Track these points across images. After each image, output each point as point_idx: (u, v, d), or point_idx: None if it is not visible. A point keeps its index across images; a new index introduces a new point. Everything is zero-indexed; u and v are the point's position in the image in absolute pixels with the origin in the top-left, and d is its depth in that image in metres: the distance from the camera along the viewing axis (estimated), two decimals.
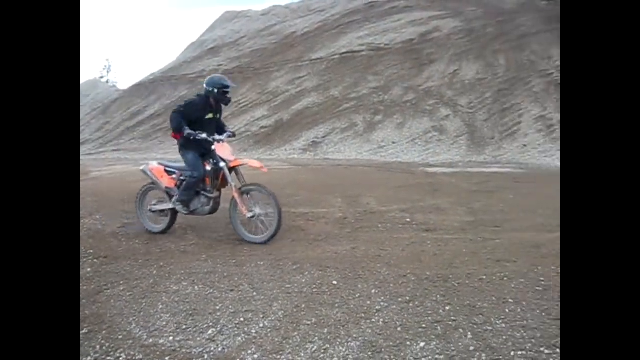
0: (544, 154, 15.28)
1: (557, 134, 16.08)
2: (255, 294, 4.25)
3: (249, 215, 6.03)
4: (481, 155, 16.07)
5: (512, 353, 3.06)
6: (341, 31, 29.00)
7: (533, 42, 22.07)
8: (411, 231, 6.17)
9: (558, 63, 19.81)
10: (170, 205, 6.47)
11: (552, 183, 9.82)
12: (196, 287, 4.47)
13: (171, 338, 3.49)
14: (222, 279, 4.65)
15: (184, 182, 6.27)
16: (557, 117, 16.94)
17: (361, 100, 21.03)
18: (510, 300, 3.89)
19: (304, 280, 4.52)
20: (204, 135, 6.00)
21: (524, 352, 3.07)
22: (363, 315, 3.73)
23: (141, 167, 6.81)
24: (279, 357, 3.17)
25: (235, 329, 3.61)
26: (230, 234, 6.23)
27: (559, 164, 13.73)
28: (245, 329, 3.59)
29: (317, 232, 6.25)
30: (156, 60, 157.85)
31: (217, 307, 4.01)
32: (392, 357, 3.09)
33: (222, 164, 6.08)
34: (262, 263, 5.07)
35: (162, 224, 6.69)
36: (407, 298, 4.01)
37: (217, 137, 6.18)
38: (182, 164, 6.35)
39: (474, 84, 20.10)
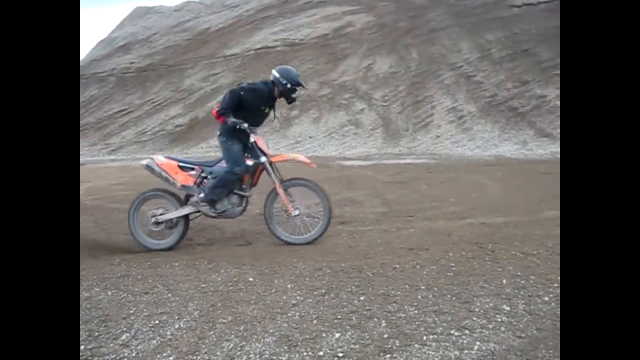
0: (456, 144, 15.78)
1: (468, 124, 16.65)
2: (170, 295, 4.17)
3: (296, 213, 5.59)
4: (396, 147, 16.42)
5: (425, 337, 3.14)
6: (255, 27, 28.86)
7: (443, 36, 22.72)
8: None
9: (467, 56, 20.51)
10: (186, 210, 5.63)
11: (463, 172, 10.15)
12: (109, 292, 4.33)
13: (82, 347, 3.37)
14: (136, 282, 4.53)
15: (218, 178, 5.48)
16: (467, 108, 17.53)
17: None
18: (423, 287, 3.99)
19: (219, 279, 4.47)
20: (246, 125, 5.34)
21: (435, 336, 3.15)
22: (279, 310, 3.73)
23: (144, 162, 5.76)
24: (194, 357, 3.12)
25: (150, 332, 3.53)
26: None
27: (470, 153, 14.22)
28: (160, 332, 3.51)
29: (233, 230, 6.21)
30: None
31: (131, 311, 3.90)
32: (307, 349, 3.10)
33: (263, 159, 5.55)
34: (177, 264, 4.98)
35: (170, 237, 5.69)
36: (323, 291, 4.04)
37: (254, 129, 5.51)
38: (195, 159, 5.73)
39: (387, 78, 20.49)
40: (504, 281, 4.04)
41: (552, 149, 14.30)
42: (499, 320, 3.35)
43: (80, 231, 6.14)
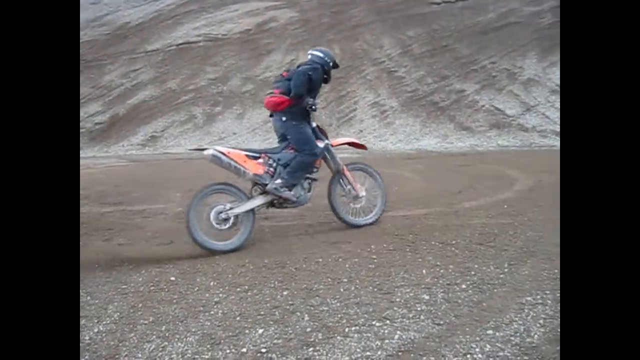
0: (379, 138, 16.04)
1: (390, 119, 16.96)
2: (89, 298, 4.04)
3: (363, 194, 5.75)
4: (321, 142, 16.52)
5: (347, 329, 3.17)
6: (177, 21, 28.31)
7: (365, 32, 23.01)
8: None
9: (389, 52, 20.86)
10: (259, 201, 5.26)
11: (386, 166, 10.31)
12: None
13: None
14: None
15: (297, 162, 5.31)
16: (389, 102, 17.84)
17: (200, 92, 20.74)
18: (345, 280, 4.04)
19: (140, 279, 4.37)
20: (316, 107, 5.38)
21: (357, 327, 3.19)
22: (202, 308, 3.69)
23: (208, 152, 5.10)
24: None
25: None
26: None
27: (392, 147, 14.48)
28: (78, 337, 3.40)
29: (155, 229, 6.08)
30: None
31: None
32: (230, 347, 3.07)
33: (326, 141, 5.60)
34: (96, 265, 4.83)
35: (235, 236, 5.13)
36: (246, 287, 4.02)
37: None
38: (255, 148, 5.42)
39: None
40: (424, 271, 4.14)
41: (470, 142, 14.80)
42: (418, 309, 3.42)
43: None
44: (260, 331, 3.24)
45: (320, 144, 5.51)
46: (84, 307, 3.88)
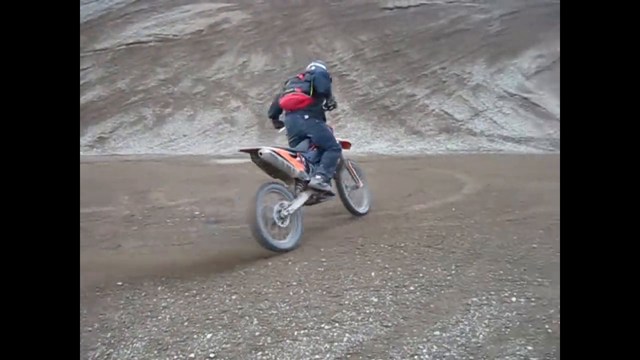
0: None
1: (342, 122, 17.06)
2: None
3: (362, 185, 6.51)
4: (270, 144, 16.47)
5: (296, 333, 3.18)
6: (127, 20, 27.79)
7: (318, 35, 23.04)
8: (200, 224, 6.13)
9: (341, 55, 20.95)
10: (305, 196, 5.43)
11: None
12: None
13: None
14: None
15: (328, 158, 5.73)
16: (341, 106, 17.89)
17: (150, 93, 20.39)
18: (294, 283, 4.04)
19: (85, 284, 4.27)
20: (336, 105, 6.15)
21: (306, 331, 3.21)
22: (149, 313, 3.64)
23: (266, 151, 5.03)
24: None
25: None
26: None
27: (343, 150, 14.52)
28: None
29: (103, 233, 5.96)
30: None
31: None
32: (178, 352, 3.04)
33: None
34: None
35: (290, 235, 5.12)
36: (194, 291, 3.98)
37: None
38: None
39: (262, 76, 20.50)
40: (373, 273, 4.18)
41: (420, 146, 14.99)
42: (367, 311, 3.46)
43: None
44: (209, 336, 3.22)
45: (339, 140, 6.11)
46: None
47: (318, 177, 5.46)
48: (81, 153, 17.20)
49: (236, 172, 10.80)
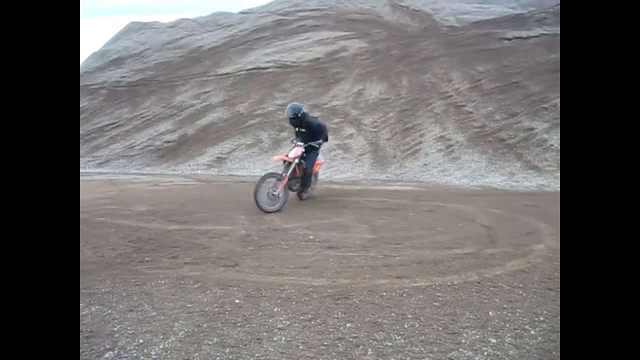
0: (444, 172, 15.82)
1: (456, 154, 16.74)
2: (155, 313, 4.14)
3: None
4: (384, 173, 16.44)
5: None
6: (248, 47, 28.97)
7: (434, 65, 22.93)
8: (314, 249, 6.20)
9: (457, 86, 20.69)
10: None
11: (451, 201, 10.17)
12: (93, 308, 4.30)
13: None
14: (121, 299, 4.50)
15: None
16: (456, 137, 17.65)
17: (267, 117, 21.04)
18: (410, 316, 4.00)
19: (205, 299, 4.45)
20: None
21: None
22: (265, 334, 3.72)
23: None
24: None
25: (134, 351, 3.50)
26: (129, 252, 6.04)
27: (457, 182, 14.29)
28: (145, 351, 3.48)
29: (220, 250, 6.17)
30: None
31: (115, 329, 3.87)
32: None
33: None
34: (163, 282, 4.95)
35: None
36: (310, 316, 4.03)
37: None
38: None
39: (377, 104, 20.60)
40: (491, 313, 4.05)
41: (537, 182, 14.43)
42: (485, 352, 3.36)
43: None
44: None
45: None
46: (150, 321, 3.98)
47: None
48: (199, 171, 18.00)
49: (348, 198, 10.84)
